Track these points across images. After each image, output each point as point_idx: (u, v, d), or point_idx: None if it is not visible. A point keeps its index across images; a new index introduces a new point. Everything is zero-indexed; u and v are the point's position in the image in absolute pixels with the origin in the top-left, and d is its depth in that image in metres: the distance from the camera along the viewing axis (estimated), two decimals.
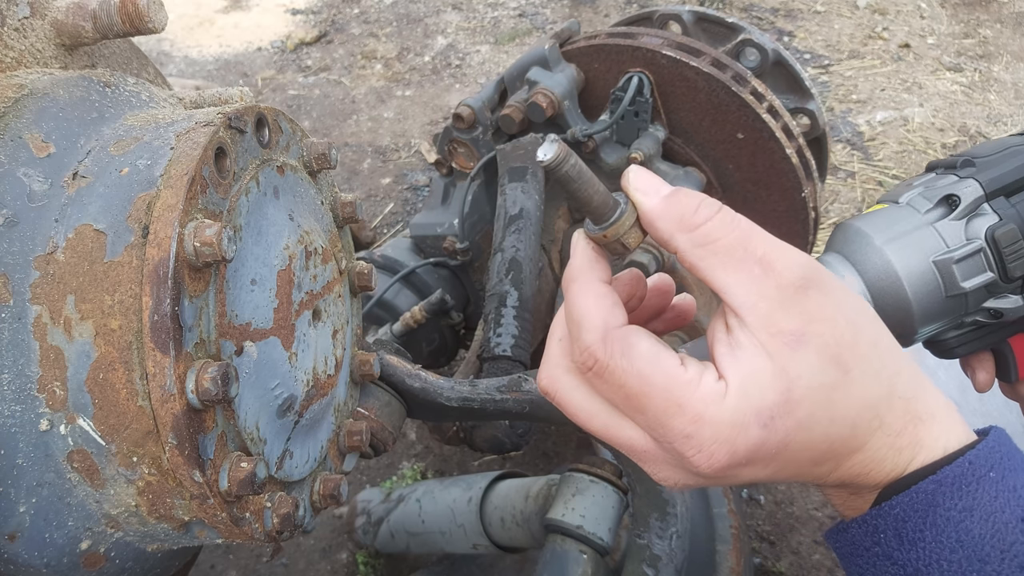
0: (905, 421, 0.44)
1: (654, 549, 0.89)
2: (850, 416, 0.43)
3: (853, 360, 0.42)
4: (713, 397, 0.42)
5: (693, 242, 0.43)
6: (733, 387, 0.42)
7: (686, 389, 0.42)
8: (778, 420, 0.41)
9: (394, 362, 0.87)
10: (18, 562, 0.54)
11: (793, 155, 1.31)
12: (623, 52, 1.34)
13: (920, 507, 0.43)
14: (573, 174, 0.44)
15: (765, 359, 0.41)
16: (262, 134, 0.63)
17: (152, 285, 0.49)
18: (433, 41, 3.31)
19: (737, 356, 0.42)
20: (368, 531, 1.48)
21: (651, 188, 0.45)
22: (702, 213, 0.43)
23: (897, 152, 2.56)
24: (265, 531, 0.58)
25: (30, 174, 0.54)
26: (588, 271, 0.46)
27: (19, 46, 0.61)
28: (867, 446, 0.44)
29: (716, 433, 0.41)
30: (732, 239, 0.42)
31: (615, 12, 3.38)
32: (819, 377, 0.41)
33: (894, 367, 0.45)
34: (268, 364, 0.59)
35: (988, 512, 0.42)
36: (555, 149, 0.43)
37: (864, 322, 0.44)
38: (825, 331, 0.42)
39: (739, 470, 0.43)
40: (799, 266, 0.42)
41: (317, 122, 2.90)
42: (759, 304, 0.42)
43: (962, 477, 0.43)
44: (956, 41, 3.11)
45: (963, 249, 0.64)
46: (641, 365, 0.43)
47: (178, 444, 0.50)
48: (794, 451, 0.43)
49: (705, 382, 0.42)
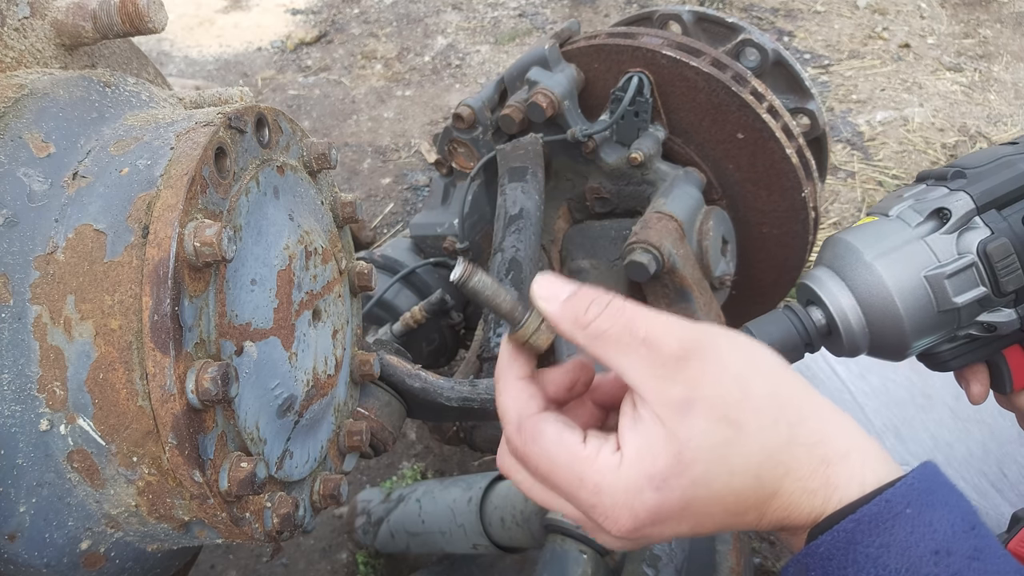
0: (813, 465, 0.47)
1: (654, 549, 0.89)
2: (751, 468, 0.46)
3: (744, 415, 0.46)
4: (609, 468, 0.46)
5: (588, 337, 0.48)
6: (628, 456, 0.46)
7: (585, 464, 0.47)
8: (671, 480, 0.45)
9: (394, 362, 0.87)
10: (18, 562, 0.54)
11: (793, 155, 1.31)
12: (623, 52, 1.34)
13: (841, 545, 0.45)
14: (479, 287, 0.50)
15: (658, 427, 0.46)
16: (262, 134, 0.63)
17: (152, 285, 0.49)
18: (433, 41, 3.31)
19: (636, 428, 0.47)
20: (368, 531, 1.48)
21: (551, 295, 0.50)
22: (592, 311, 0.49)
23: (897, 152, 2.56)
24: (265, 531, 0.58)
25: (30, 174, 0.54)
26: (507, 369, 0.52)
27: (19, 46, 0.61)
28: (780, 492, 0.47)
29: (614, 500, 0.46)
30: (618, 328, 0.48)
31: (615, 12, 3.38)
32: (709, 437, 0.45)
33: (794, 415, 0.47)
34: (268, 364, 0.59)
35: (904, 547, 0.44)
36: (461, 269, 0.49)
37: (755, 377, 0.48)
38: (711, 394, 0.46)
39: (651, 530, 0.47)
40: (678, 339, 0.47)
41: (317, 122, 2.90)
42: (648, 380, 0.46)
43: (879, 515, 0.45)
44: (956, 41, 3.11)
45: (955, 264, 0.63)
46: (547, 447, 0.48)
47: (178, 444, 0.50)
48: (701, 506, 0.46)
49: (602, 455, 0.47)
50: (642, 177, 1.37)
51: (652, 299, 1.27)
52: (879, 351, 0.70)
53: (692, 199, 1.32)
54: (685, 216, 1.27)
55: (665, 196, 1.29)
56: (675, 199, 1.29)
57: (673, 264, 1.19)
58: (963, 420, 1.05)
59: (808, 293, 0.71)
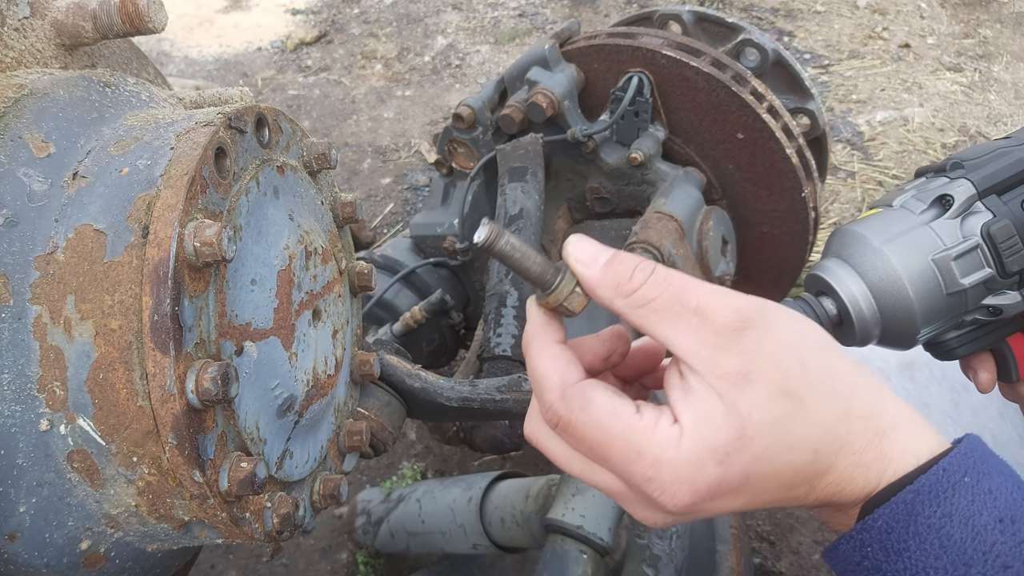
0: (867, 439, 0.46)
1: (654, 549, 0.89)
2: (810, 442, 0.45)
3: (803, 388, 0.45)
4: (669, 441, 0.44)
5: (631, 304, 0.46)
6: (687, 429, 0.44)
7: (643, 435, 0.44)
8: (734, 456, 0.43)
9: (394, 362, 0.87)
10: (18, 562, 0.54)
11: (793, 155, 1.31)
12: (623, 52, 1.34)
13: (901, 517, 0.44)
14: (508, 250, 0.47)
15: (716, 400, 0.44)
16: (262, 134, 0.63)
17: (152, 285, 0.49)
18: (433, 41, 3.31)
19: (690, 400, 0.45)
20: (368, 531, 1.48)
21: (589, 257, 0.48)
22: (637, 277, 0.46)
23: (897, 152, 2.56)
24: (265, 531, 0.58)
25: (30, 174, 0.54)
26: (542, 334, 0.49)
27: (19, 46, 0.61)
28: (834, 467, 0.46)
29: (675, 474, 0.44)
30: (667, 296, 0.45)
31: (615, 12, 3.38)
32: (770, 410, 0.44)
33: (848, 389, 0.46)
34: (268, 364, 0.59)
35: (967, 516, 0.43)
36: (487, 231, 0.46)
37: (811, 349, 0.46)
38: (768, 365, 0.44)
39: (707, 504, 0.45)
40: (733, 310, 0.45)
41: (317, 122, 2.90)
42: (701, 351, 0.44)
43: (938, 484, 0.44)
44: (956, 41, 3.11)
45: (961, 246, 0.65)
46: (599, 417, 0.45)
47: (178, 444, 0.50)
48: (759, 481, 0.45)
49: (661, 427, 0.45)
50: (642, 177, 1.37)
51: None
52: (889, 339, 0.70)
53: (692, 199, 1.32)
54: (685, 216, 1.27)
55: (665, 196, 1.29)
56: (675, 199, 1.29)
57: (673, 264, 1.19)
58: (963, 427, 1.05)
59: (819, 283, 0.71)
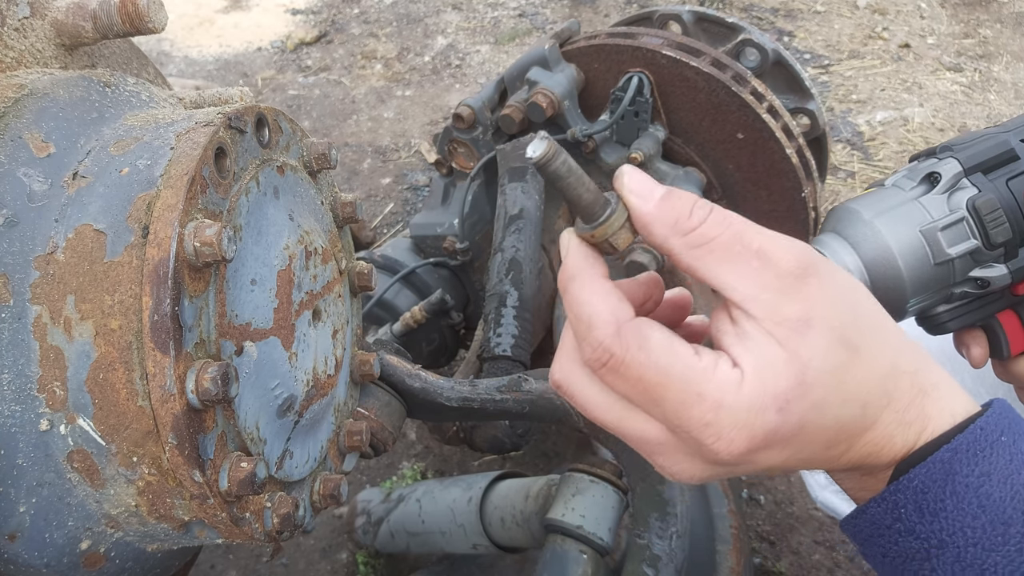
0: (912, 395, 0.45)
1: (654, 549, 0.89)
2: (861, 395, 0.43)
3: (859, 339, 0.43)
4: (730, 384, 0.42)
5: (689, 244, 0.44)
6: (749, 373, 0.42)
7: (703, 376, 0.42)
8: (793, 403, 0.42)
9: (394, 362, 0.87)
10: (18, 562, 0.54)
11: (793, 155, 1.31)
12: (623, 52, 1.34)
13: (939, 476, 0.43)
14: (563, 171, 0.44)
15: (776, 346, 0.42)
16: (262, 134, 0.63)
17: (152, 285, 0.49)
18: (433, 41, 3.31)
19: (747, 345, 0.43)
20: (368, 531, 1.48)
21: (645, 191, 0.45)
22: (697, 215, 0.44)
23: (897, 152, 2.56)
24: (265, 531, 0.58)
25: (30, 174, 0.54)
26: (587, 268, 0.46)
27: (19, 46, 0.61)
28: (877, 423, 0.44)
29: (735, 419, 0.42)
30: (728, 236, 0.43)
31: (615, 12, 3.38)
32: (830, 359, 0.42)
33: (896, 343, 0.45)
34: (268, 364, 0.59)
35: (1005, 475, 0.43)
36: (544, 146, 0.43)
37: (863, 302, 0.46)
38: (829, 314, 0.42)
39: (756, 455, 0.43)
40: (795, 255, 0.43)
41: (317, 122, 2.90)
42: (762, 295, 0.42)
43: (976, 444, 0.43)
44: (956, 41, 3.11)
45: (947, 218, 0.68)
46: (658, 356, 0.43)
47: (178, 444, 0.50)
48: (809, 433, 0.43)
49: (721, 369, 0.42)
50: None
51: None
52: None
53: None
54: None
55: None
56: None
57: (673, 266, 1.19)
58: None
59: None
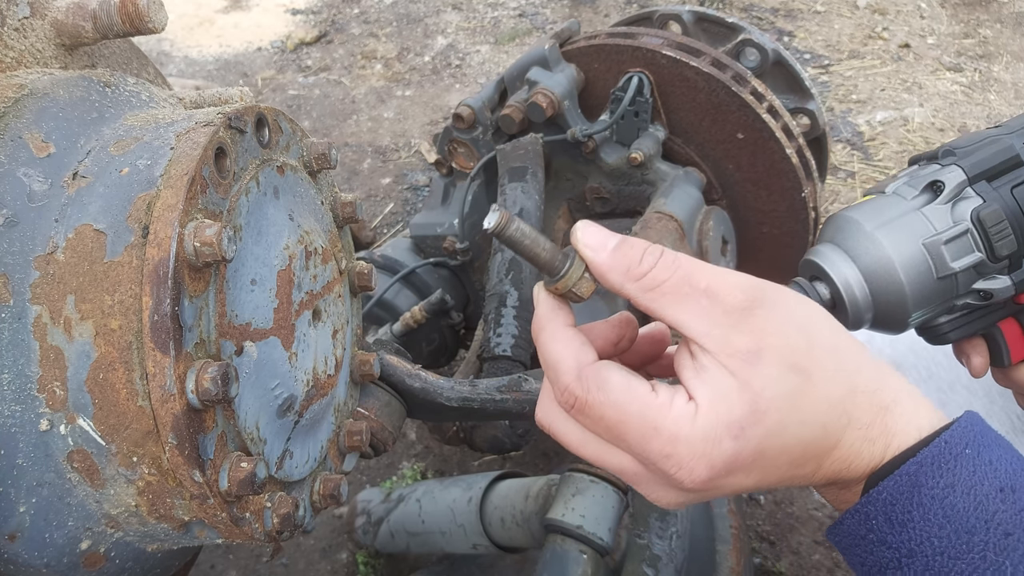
0: (873, 413, 0.47)
1: (654, 549, 0.89)
2: (819, 417, 0.46)
3: (811, 364, 0.46)
4: (685, 417, 0.45)
5: (642, 288, 0.47)
6: (703, 405, 0.45)
7: (659, 412, 0.45)
8: (748, 430, 0.44)
9: (394, 362, 0.87)
10: (18, 562, 0.54)
11: (793, 155, 1.31)
12: (623, 52, 1.34)
13: (905, 489, 0.45)
14: (517, 236, 0.48)
15: (729, 377, 0.45)
16: (262, 134, 0.63)
17: (152, 285, 0.49)
18: (433, 41, 3.31)
19: (703, 378, 0.46)
20: (368, 531, 1.48)
21: (598, 243, 0.48)
22: (647, 261, 0.48)
23: (897, 152, 2.56)
24: (265, 531, 0.58)
25: (30, 174, 0.54)
26: (553, 319, 0.50)
27: (19, 46, 0.61)
28: (842, 442, 0.47)
29: (692, 449, 0.45)
30: (677, 278, 0.47)
31: (615, 12, 3.38)
32: (781, 385, 0.45)
33: (853, 364, 0.47)
34: (268, 364, 0.59)
35: (968, 486, 0.44)
36: (497, 216, 0.47)
37: (817, 327, 0.48)
38: (778, 343, 0.45)
39: (721, 481, 0.46)
40: (741, 289, 0.46)
41: (317, 122, 2.90)
42: (713, 331, 0.46)
43: (941, 456, 0.45)
44: (956, 41, 3.11)
45: (951, 231, 0.66)
46: (616, 396, 0.46)
47: (178, 444, 0.50)
48: (772, 457, 0.46)
49: (676, 404, 0.46)
50: (642, 177, 1.37)
51: None
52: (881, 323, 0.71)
53: (692, 199, 1.32)
54: (685, 216, 1.27)
55: (665, 196, 1.29)
56: (675, 199, 1.29)
57: None
58: None
59: (812, 268, 0.72)
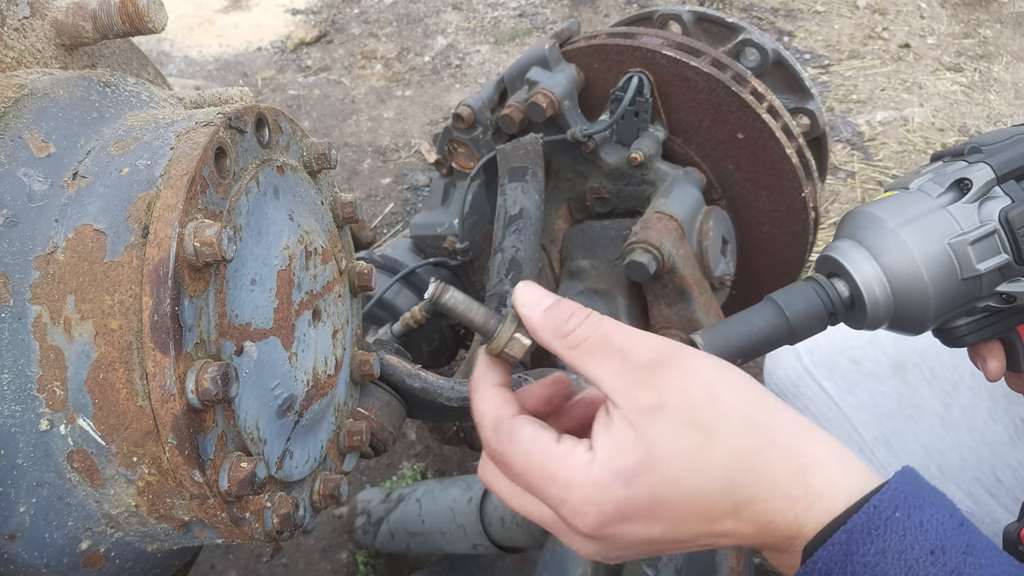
0: (790, 473, 0.47)
1: None
2: (720, 471, 0.47)
3: (714, 421, 0.47)
4: (581, 465, 0.48)
5: (566, 345, 0.51)
6: (599, 454, 0.48)
7: (557, 460, 0.48)
8: (640, 477, 0.46)
9: (394, 362, 0.87)
10: (18, 562, 0.54)
11: (793, 155, 1.31)
12: (623, 52, 1.34)
13: (838, 558, 0.45)
14: (451, 304, 0.53)
15: (628, 428, 0.48)
16: (262, 134, 0.63)
17: (152, 285, 0.49)
18: (433, 41, 3.31)
19: (608, 431, 0.48)
20: (368, 531, 1.48)
21: (534, 302, 0.53)
22: (572, 322, 0.51)
23: (897, 152, 2.56)
24: (265, 531, 0.58)
25: (30, 174, 0.54)
26: (483, 379, 0.54)
27: (19, 46, 0.61)
28: (754, 498, 0.47)
29: (584, 495, 0.47)
30: (595, 338, 0.50)
31: (615, 12, 3.38)
32: (678, 439, 0.46)
33: (766, 424, 0.48)
34: (268, 364, 0.59)
35: (899, 551, 0.44)
36: (432, 288, 0.53)
37: (725, 386, 0.49)
38: (679, 399, 0.47)
39: (618, 528, 0.47)
40: (651, 349, 0.49)
41: (317, 122, 2.90)
42: (622, 387, 0.48)
43: (870, 523, 0.45)
44: (956, 41, 3.11)
45: (978, 231, 0.64)
46: (522, 445, 0.50)
47: (178, 444, 0.50)
48: (671, 507, 0.47)
49: (576, 453, 0.48)
50: (642, 177, 1.37)
51: (652, 299, 1.27)
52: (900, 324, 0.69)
53: (692, 199, 1.32)
54: (685, 216, 1.27)
55: (665, 196, 1.29)
56: (675, 199, 1.29)
57: (673, 264, 1.19)
58: (954, 428, 1.04)
59: (831, 265, 0.70)
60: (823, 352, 1.13)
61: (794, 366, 1.16)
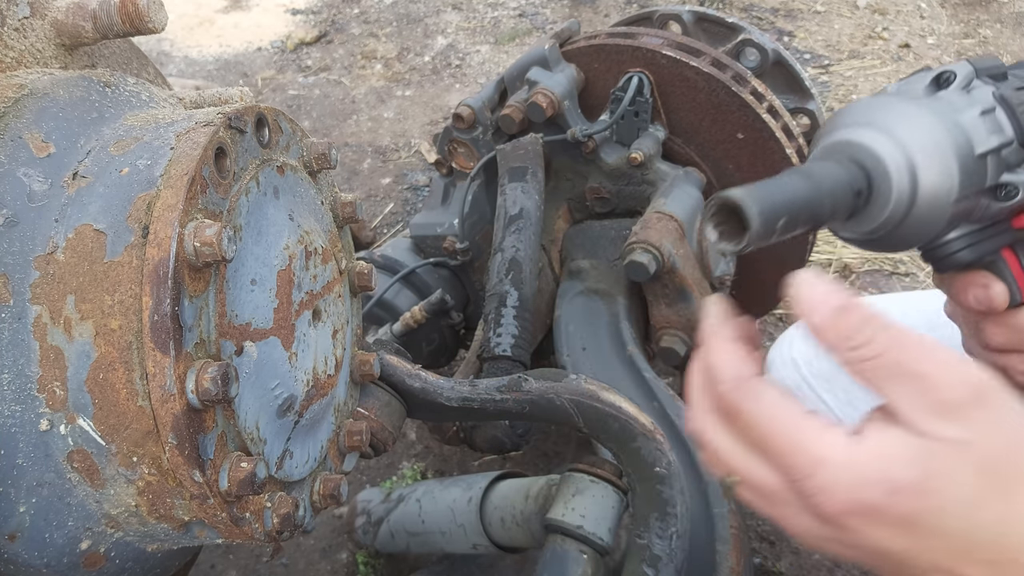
0: None
1: (654, 549, 0.89)
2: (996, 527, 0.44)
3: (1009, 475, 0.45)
4: (840, 446, 0.45)
5: (855, 357, 0.47)
6: (871, 447, 0.45)
7: (810, 434, 0.46)
8: (907, 498, 0.44)
9: (394, 362, 0.87)
10: (18, 562, 0.54)
11: (793, 155, 1.31)
12: (623, 52, 1.34)
13: None
14: None
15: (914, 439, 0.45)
16: (262, 134, 0.63)
17: (152, 285, 0.49)
18: (433, 41, 3.31)
19: (888, 427, 0.46)
20: (368, 531, 1.48)
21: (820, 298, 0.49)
22: (865, 332, 0.47)
23: None
24: (265, 531, 0.58)
25: (30, 174, 0.54)
26: (717, 331, 0.52)
27: (19, 46, 0.61)
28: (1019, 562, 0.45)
29: (837, 477, 0.45)
30: (891, 358, 0.46)
31: (615, 12, 3.38)
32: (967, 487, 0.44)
33: None
34: (268, 364, 0.59)
35: None
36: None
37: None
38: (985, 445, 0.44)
39: (864, 524, 0.45)
40: (962, 384, 0.45)
41: (317, 122, 2.90)
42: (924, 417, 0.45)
43: None
44: (956, 41, 3.11)
45: (983, 104, 0.61)
46: (769, 409, 0.48)
47: (178, 444, 0.50)
48: (927, 532, 0.44)
49: (834, 432, 0.46)
50: (642, 177, 1.37)
51: (652, 299, 1.27)
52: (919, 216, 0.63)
53: (692, 199, 1.32)
54: (685, 216, 1.27)
55: (665, 196, 1.29)
56: (675, 199, 1.29)
57: (673, 264, 1.19)
58: None
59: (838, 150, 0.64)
60: (822, 364, 1.13)
61: (793, 377, 1.16)
